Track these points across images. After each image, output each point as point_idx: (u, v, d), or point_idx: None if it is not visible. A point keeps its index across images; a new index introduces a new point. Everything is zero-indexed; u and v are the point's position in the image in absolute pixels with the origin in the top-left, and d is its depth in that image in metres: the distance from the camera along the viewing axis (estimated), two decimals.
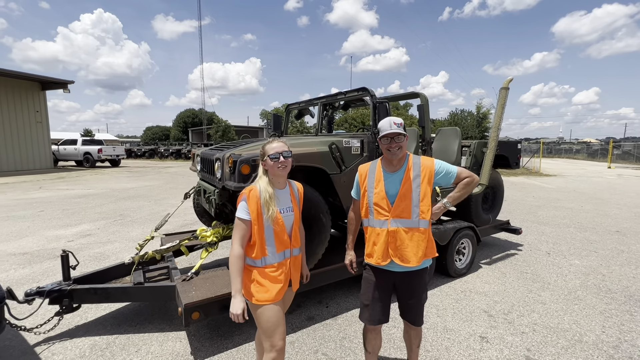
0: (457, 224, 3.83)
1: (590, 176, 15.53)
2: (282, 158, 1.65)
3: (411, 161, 1.81)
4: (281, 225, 1.67)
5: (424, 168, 1.78)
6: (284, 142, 1.70)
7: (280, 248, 1.69)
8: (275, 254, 1.68)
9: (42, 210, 7.49)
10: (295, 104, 4.36)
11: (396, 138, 1.73)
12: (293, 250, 1.76)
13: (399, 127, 1.73)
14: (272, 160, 1.65)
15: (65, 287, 2.56)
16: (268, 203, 1.62)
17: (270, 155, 1.65)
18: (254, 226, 1.64)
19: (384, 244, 1.78)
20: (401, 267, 1.79)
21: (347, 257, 2.07)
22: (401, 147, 1.74)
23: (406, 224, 1.75)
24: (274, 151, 1.66)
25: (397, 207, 1.75)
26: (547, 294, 3.40)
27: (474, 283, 3.68)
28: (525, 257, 4.54)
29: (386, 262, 1.80)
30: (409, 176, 1.77)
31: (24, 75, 16.64)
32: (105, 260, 4.36)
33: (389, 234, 1.77)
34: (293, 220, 1.74)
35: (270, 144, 1.69)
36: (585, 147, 34.85)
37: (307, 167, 2.75)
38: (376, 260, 1.83)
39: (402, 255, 1.77)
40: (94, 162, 19.50)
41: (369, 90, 3.18)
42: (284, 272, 1.71)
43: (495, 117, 4.15)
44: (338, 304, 3.19)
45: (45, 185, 11.72)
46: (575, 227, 6.17)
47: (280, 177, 1.70)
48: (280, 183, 1.73)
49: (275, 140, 1.71)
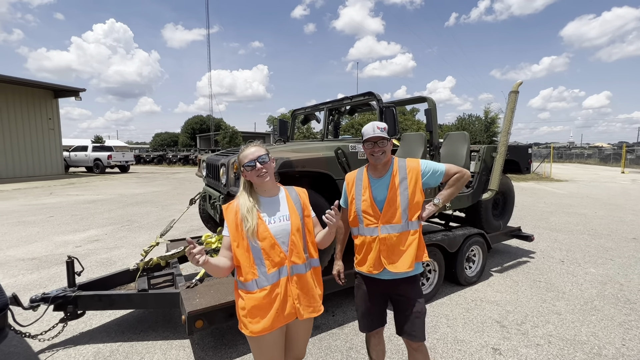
0: (466, 231, 3.74)
1: (603, 181, 15.17)
2: (258, 165, 1.46)
3: (396, 165, 1.77)
4: (269, 239, 1.44)
5: (410, 170, 1.74)
6: (260, 145, 1.54)
7: (272, 266, 1.45)
8: (266, 275, 1.44)
9: (51, 215, 7.58)
10: (301, 109, 4.35)
11: (379, 142, 1.69)
12: (293, 268, 1.48)
13: (382, 132, 1.69)
14: (249, 170, 1.47)
15: (69, 294, 2.55)
16: (246, 217, 1.43)
17: (245, 164, 1.47)
18: (234, 243, 1.44)
19: (376, 251, 1.72)
20: (394, 275, 1.72)
21: (335, 268, 1.97)
22: (385, 151, 1.70)
23: (397, 229, 1.70)
24: (248, 159, 1.48)
25: (386, 213, 1.70)
26: (562, 304, 3.27)
27: (485, 292, 3.57)
28: (538, 265, 4.40)
29: (379, 270, 1.74)
30: (395, 180, 1.73)
31: (37, 83, 17.07)
32: (111, 266, 4.36)
33: (380, 241, 1.71)
34: (290, 230, 1.49)
35: (244, 152, 1.51)
36: (597, 152, 34.15)
37: (313, 173, 2.71)
38: (368, 269, 1.77)
39: (394, 261, 1.70)
40: (103, 168, 19.81)
41: (375, 95, 3.14)
42: (279, 294, 1.44)
43: (504, 121, 4.07)
44: (345, 312, 3.11)
45: (56, 191, 11.91)
46: (589, 233, 5.99)
47: (265, 184, 1.52)
48: (269, 190, 1.54)
49: (249, 145, 1.54)
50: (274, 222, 1.49)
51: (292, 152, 2.70)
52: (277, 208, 1.53)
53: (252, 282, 1.43)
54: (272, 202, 1.54)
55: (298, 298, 1.49)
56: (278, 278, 1.46)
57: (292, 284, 1.48)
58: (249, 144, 1.55)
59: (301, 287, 1.50)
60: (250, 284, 1.43)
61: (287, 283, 1.47)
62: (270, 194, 1.55)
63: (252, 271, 1.42)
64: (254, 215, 1.43)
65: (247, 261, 1.42)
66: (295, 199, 1.61)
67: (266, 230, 1.45)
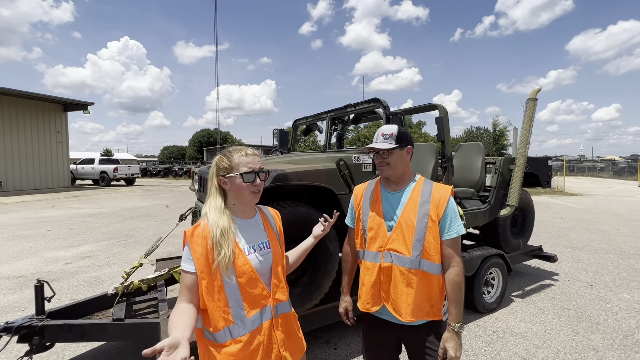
0: (484, 251, 3.37)
1: (621, 195, 14.54)
2: (258, 180, 1.17)
3: (420, 184, 1.43)
4: (249, 273, 1.12)
5: (435, 196, 1.36)
6: (259, 155, 1.23)
7: (253, 307, 1.12)
8: (244, 320, 1.10)
9: (48, 229, 7.38)
10: (303, 119, 4.10)
11: (382, 153, 1.39)
12: (278, 307, 1.19)
13: (386, 140, 1.37)
14: (244, 181, 1.14)
15: (36, 323, 2.24)
16: (220, 243, 1.08)
17: (243, 172, 1.15)
18: (202, 281, 1.07)
19: (375, 283, 1.39)
20: (395, 318, 1.37)
21: (342, 304, 1.60)
22: (389, 163, 1.38)
23: (403, 261, 1.34)
24: (249, 167, 1.15)
25: (394, 237, 1.36)
26: (597, 338, 2.86)
27: (507, 321, 3.17)
28: (564, 289, 3.98)
29: (376, 307, 1.40)
30: (414, 198, 1.38)
31: (47, 97, 17.36)
32: (99, 286, 4.07)
33: (381, 271, 1.38)
34: (272, 261, 1.20)
35: (243, 155, 1.17)
36: (611, 165, 33.31)
37: (312, 187, 2.42)
38: (364, 305, 1.43)
39: (394, 302, 1.35)
40: (109, 180, 19.84)
41: (381, 101, 2.86)
42: (262, 343, 1.12)
43: (522, 131, 3.74)
44: (348, 344, 2.75)
45: (59, 203, 11.80)
46: (615, 253, 5.52)
47: (250, 203, 1.22)
48: (247, 211, 1.23)
49: (251, 151, 1.21)
50: (254, 252, 1.17)
51: (288, 163, 2.42)
52: (256, 233, 1.21)
53: (224, 331, 1.09)
54: (250, 226, 1.21)
55: (284, 344, 1.18)
56: (260, 322, 1.14)
57: (277, 327, 1.17)
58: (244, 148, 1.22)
59: (286, 329, 1.21)
60: (222, 333, 1.09)
61: (271, 327, 1.16)
62: (248, 215, 1.23)
63: (224, 317, 1.08)
64: (230, 242, 1.09)
65: (219, 304, 1.08)
66: (271, 221, 1.30)
67: (246, 262, 1.12)
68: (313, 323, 2.50)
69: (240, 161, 1.16)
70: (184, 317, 1.01)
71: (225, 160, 1.18)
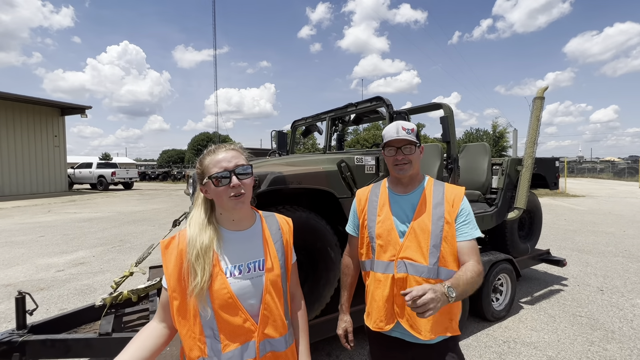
0: (492, 257, 3.22)
1: (623, 197, 14.42)
2: (235, 179, 0.93)
3: (431, 184, 1.31)
4: (226, 299, 0.92)
5: (449, 197, 1.25)
6: (238, 150, 1.01)
7: (232, 341, 0.92)
8: (220, 356, 0.91)
9: (42, 235, 7.22)
10: (302, 120, 3.96)
11: (405, 148, 1.24)
12: (266, 344, 0.96)
13: (408, 134, 1.23)
14: (217, 184, 0.93)
15: (16, 338, 2.08)
16: (194, 266, 0.89)
17: (214, 174, 0.93)
18: (174, 301, 0.91)
19: (389, 297, 1.24)
20: (411, 336, 1.22)
21: (341, 325, 1.40)
22: (411, 161, 1.24)
23: (420, 271, 1.19)
24: (220, 167, 0.93)
25: (407, 244, 1.22)
26: (614, 348, 2.71)
27: (517, 330, 3.02)
28: (574, 294, 3.83)
29: (390, 325, 1.24)
30: (427, 200, 1.24)
31: (44, 101, 17.24)
32: (91, 294, 3.92)
33: (394, 283, 1.23)
34: (263, 285, 0.98)
35: (214, 155, 0.97)
36: (610, 166, 33.27)
37: (311, 191, 2.28)
38: (376, 323, 1.27)
39: (411, 317, 1.20)
40: (107, 185, 19.67)
41: (384, 100, 2.73)
42: None
43: (529, 130, 3.61)
44: (351, 357, 2.60)
45: (55, 208, 11.63)
46: (623, 256, 5.38)
47: (238, 211, 0.99)
48: (239, 220, 1.01)
49: (222, 147, 1.00)
50: (239, 273, 0.96)
51: (286, 165, 2.27)
52: (248, 249, 1.00)
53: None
54: (241, 240, 1.00)
55: None
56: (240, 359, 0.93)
57: None
58: (220, 145, 1.01)
59: None
60: None
61: None
62: (240, 226, 1.01)
63: (198, 346, 0.92)
64: (207, 262, 0.91)
65: (193, 330, 0.92)
66: (275, 234, 1.06)
67: (224, 285, 0.92)
68: (314, 335, 2.35)
69: (210, 162, 0.95)
70: (138, 343, 0.89)
71: (198, 165, 0.99)
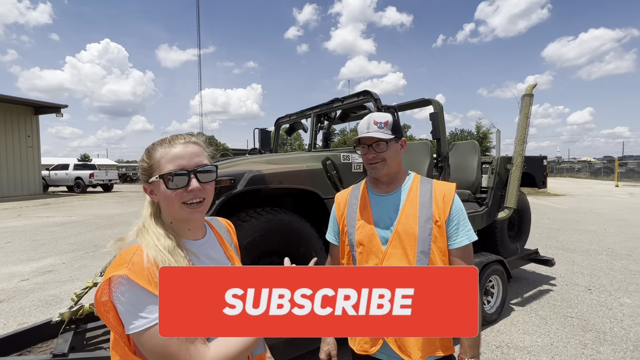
0: (483, 258, 3.12)
1: (601, 195, 14.87)
2: (194, 182, 0.74)
3: (417, 182, 1.16)
4: None
5: (438, 195, 1.10)
6: (200, 144, 0.81)
7: None
8: None
9: (9, 241, 6.73)
10: (286, 117, 3.78)
11: (375, 146, 1.09)
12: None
13: (380, 128, 1.09)
14: (169, 185, 0.73)
15: None
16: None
17: (166, 172, 0.73)
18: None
19: None
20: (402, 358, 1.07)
21: (324, 348, 1.23)
22: (384, 159, 1.10)
23: None
24: (176, 164, 0.74)
25: (391, 251, 1.08)
26: (607, 350, 2.64)
27: (509, 333, 2.92)
28: (563, 294, 3.78)
29: (375, 347, 1.10)
30: (412, 200, 1.10)
31: (16, 99, 16.35)
32: (56, 306, 3.61)
33: None
34: None
35: (169, 147, 0.76)
36: (587, 166, 34.51)
37: (294, 191, 2.10)
38: (360, 346, 1.12)
39: (398, 338, 1.06)
40: (85, 187, 18.83)
41: (372, 94, 2.58)
42: None
43: (519, 128, 3.55)
44: None
45: (26, 212, 10.99)
46: (607, 254, 5.43)
47: (190, 221, 0.80)
48: (194, 230, 0.83)
49: (180, 139, 0.78)
50: None
51: (265, 163, 2.08)
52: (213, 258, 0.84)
53: None
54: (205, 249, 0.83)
55: None
56: None
57: None
58: (177, 135, 0.79)
59: None
60: None
61: None
62: (197, 235, 0.84)
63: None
64: None
65: None
66: (227, 238, 0.94)
67: None
68: (300, 348, 2.17)
69: (163, 155, 0.74)
70: None
71: (145, 157, 0.78)
